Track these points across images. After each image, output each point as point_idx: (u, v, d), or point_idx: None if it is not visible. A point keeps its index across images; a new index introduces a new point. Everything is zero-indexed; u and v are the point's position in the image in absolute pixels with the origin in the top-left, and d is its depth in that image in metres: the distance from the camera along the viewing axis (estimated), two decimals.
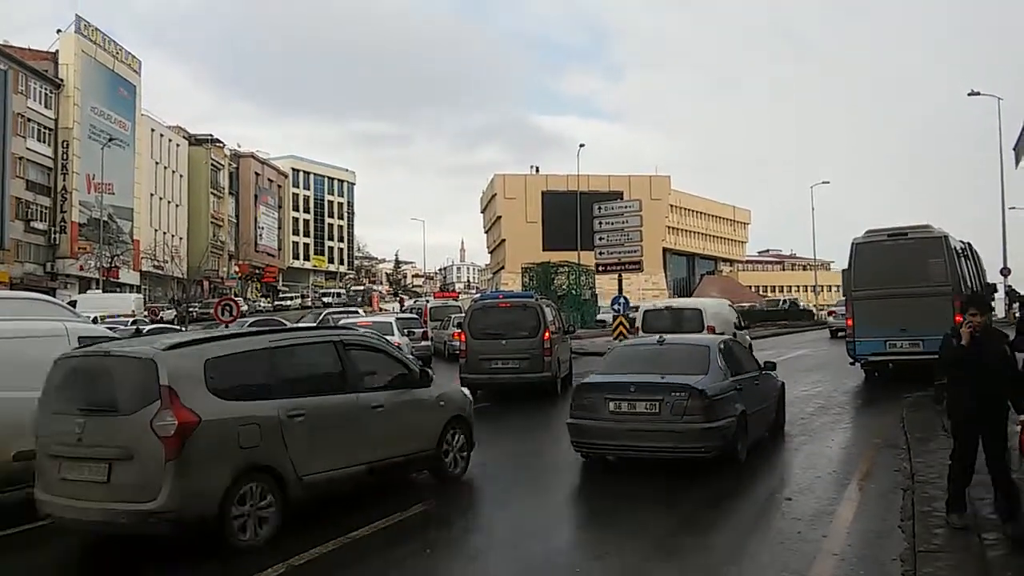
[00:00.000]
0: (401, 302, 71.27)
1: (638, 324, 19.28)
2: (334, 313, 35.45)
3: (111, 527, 6.42)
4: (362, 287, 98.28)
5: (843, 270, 17.96)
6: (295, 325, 15.87)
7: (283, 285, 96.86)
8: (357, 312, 39.32)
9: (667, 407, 8.90)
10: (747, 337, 16.08)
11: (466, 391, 10.08)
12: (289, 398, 7.14)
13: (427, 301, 46.21)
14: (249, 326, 29.11)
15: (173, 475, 6.12)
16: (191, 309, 49.44)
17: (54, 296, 25.68)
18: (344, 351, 8.03)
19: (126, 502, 6.17)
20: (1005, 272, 41.53)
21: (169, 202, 74.95)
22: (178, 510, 6.13)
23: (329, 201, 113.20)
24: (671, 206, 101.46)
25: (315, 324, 29.95)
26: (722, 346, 10.25)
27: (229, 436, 6.52)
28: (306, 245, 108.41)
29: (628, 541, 6.75)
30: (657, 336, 11.13)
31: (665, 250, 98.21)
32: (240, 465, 6.55)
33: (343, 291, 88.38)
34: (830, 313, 40.78)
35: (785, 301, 63.36)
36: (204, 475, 6.29)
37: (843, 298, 18.23)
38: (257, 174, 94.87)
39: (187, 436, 6.21)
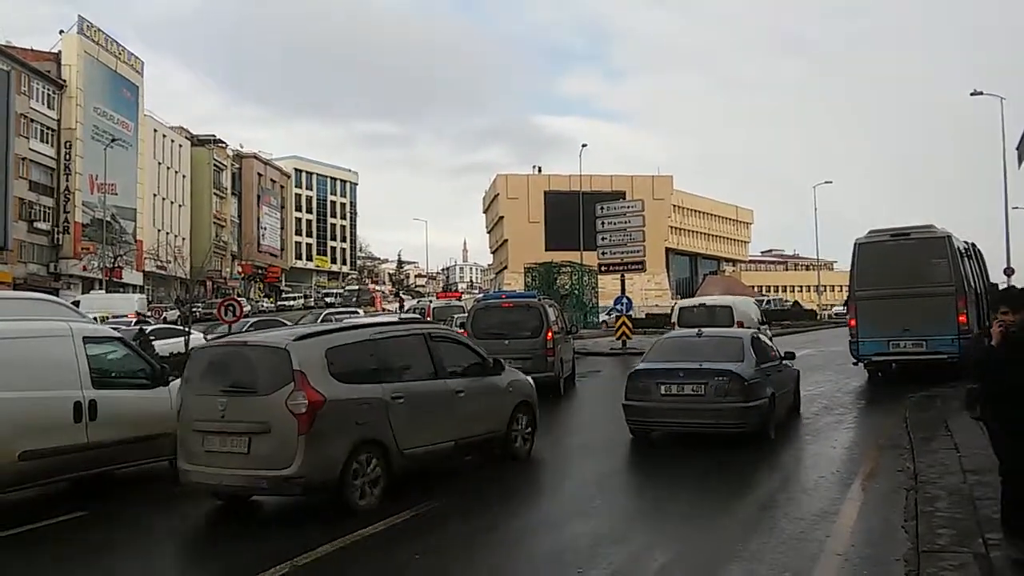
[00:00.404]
0: (401, 303, 70.71)
1: (674, 319, 20.82)
2: (336, 313, 35.49)
3: (252, 491, 7.66)
4: (356, 287, 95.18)
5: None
6: (297, 324, 15.87)
7: (286, 285, 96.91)
8: (357, 312, 39.33)
9: (711, 389, 10.39)
10: (767, 331, 17.47)
11: (530, 380, 10.86)
12: (391, 383, 8.25)
13: (430, 301, 46.22)
14: (250, 326, 29.22)
15: (304, 446, 7.17)
16: (194, 309, 49.44)
17: (57, 296, 25.72)
18: (432, 342, 9.20)
19: (265, 469, 7.17)
20: (1008, 272, 41.45)
21: (172, 202, 75.06)
22: (308, 476, 7.16)
23: (332, 201, 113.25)
24: (674, 206, 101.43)
25: (318, 322, 30.05)
26: (752, 338, 11.73)
27: (347, 413, 7.59)
28: (309, 245, 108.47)
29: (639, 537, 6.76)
30: (696, 329, 12.89)
31: (668, 250, 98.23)
32: (355, 438, 7.59)
33: (342, 291, 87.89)
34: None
35: (769, 300, 63.33)
36: (328, 446, 7.34)
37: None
38: (260, 174, 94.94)
39: (315, 413, 7.27)
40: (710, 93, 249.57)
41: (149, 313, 44.60)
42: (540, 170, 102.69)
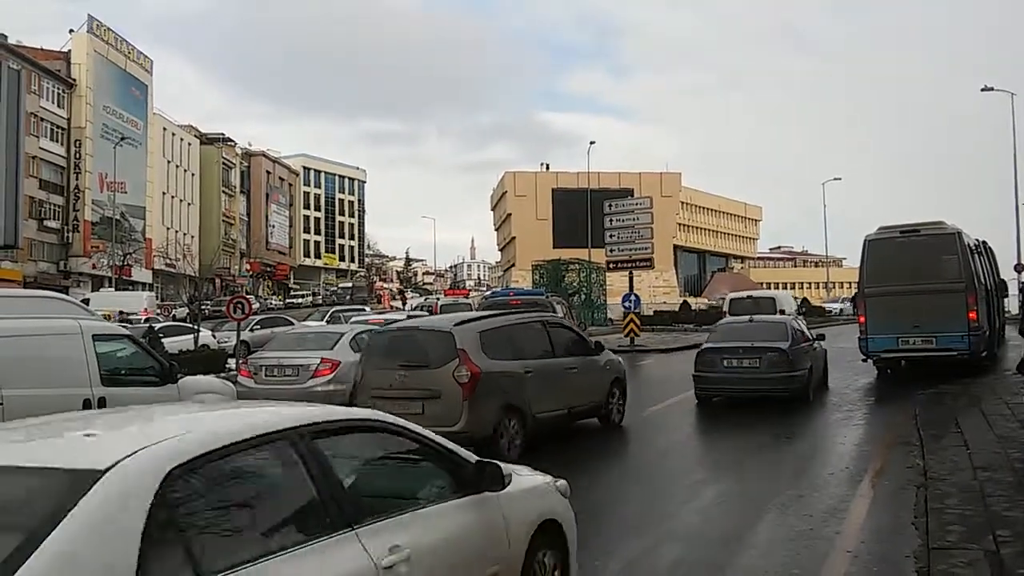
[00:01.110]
0: (403, 300, 70.05)
1: (725, 308, 25.47)
2: (344, 311, 35.54)
3: None
4: (350, 284, 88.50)
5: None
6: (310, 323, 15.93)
7: (294, 283, 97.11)
8: (364, 310, 39.36)
9: (764, 363, 13.29)
10: (802, 319, 19.02)
11: (621, 359, 13.01)
12: (524, 360, 10.22)
13: (437, 299, 46.28)
14: (257, 324, 29.33)
15: (467, 408, 9.08)
16: (203, 307, 49.60)
17: (67, 295, 25.85)
18: (549, 328, 11.51)
19: (437, 427, 7.50)
20: (1019, 268, 41.29)
21: (181, 200, 75.30)
22: (471, 431, 8.66)
23: (340, 199, 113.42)
24: (682, 203, 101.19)
25: (325, 321, 30.16)
26: (793, 323, 15.06)
27: (496, 383, 9.35)
28: (317, 243, 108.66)
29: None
30: (748, 316, 16.40)
31: (676, 247, 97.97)
32: (502, 403, 9.44)
33: (336, 288, 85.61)
34: None
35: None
36: (484, 408, 9.18)
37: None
38: (268, 172, 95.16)
39: (475, 382, 9.18)
40: (718, 89, 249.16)
41: (158, 311, 44.78)
42: (548, 167, 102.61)
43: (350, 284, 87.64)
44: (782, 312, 22.28)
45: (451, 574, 3.66)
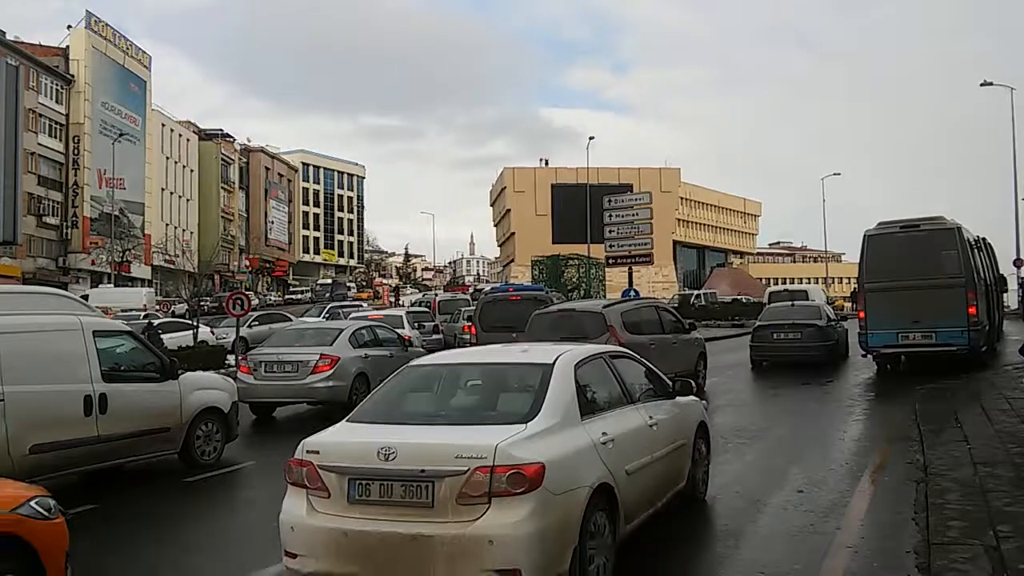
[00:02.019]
0: (396, 296, 68.21)
1: (765, 300, 30.36)
2: (342, 307, 35.54)
3: None
4: (329, 281, 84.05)
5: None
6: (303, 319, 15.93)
7: (293, 279, 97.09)
8: (361, 306, 39.36)
9: (804, 335, 18.27)
10: (830, 306, 23.78)
11: (702, 337, 16.97)
12: (647, 335, 13.54)
13: (436, 295, 46.27)
14: (255, 319, 29.34)
15: None
16: (202, 303, 49.56)
17: (66, 291, 25.84)
18: (659, 311, 15.57)
19: None
20: (1018, 263, 41.27)
21: (180, 197, 75.23)
22: None
23: (339, 195, 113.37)
24: (681, 198, 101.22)
25: (322, 317, 30.17)
26: (824, 307, 20.73)
27: (636, 352, 9.77)
28: (316, 239, 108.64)
29: None
30: (791, 301, 22.66)
31: (675, 243, 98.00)
32: None
33: (315, 285, 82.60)
34: None
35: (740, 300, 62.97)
36: None
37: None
38: (267, 168, 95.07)
39: None
40: (718, 85, 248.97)
41: (157, 308, 44.74)
42: (547, 163, 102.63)
43: (329, 281, 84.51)
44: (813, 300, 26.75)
45: (670, 435, 6.69)
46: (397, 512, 4.72)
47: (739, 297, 55.59)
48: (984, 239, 18.63)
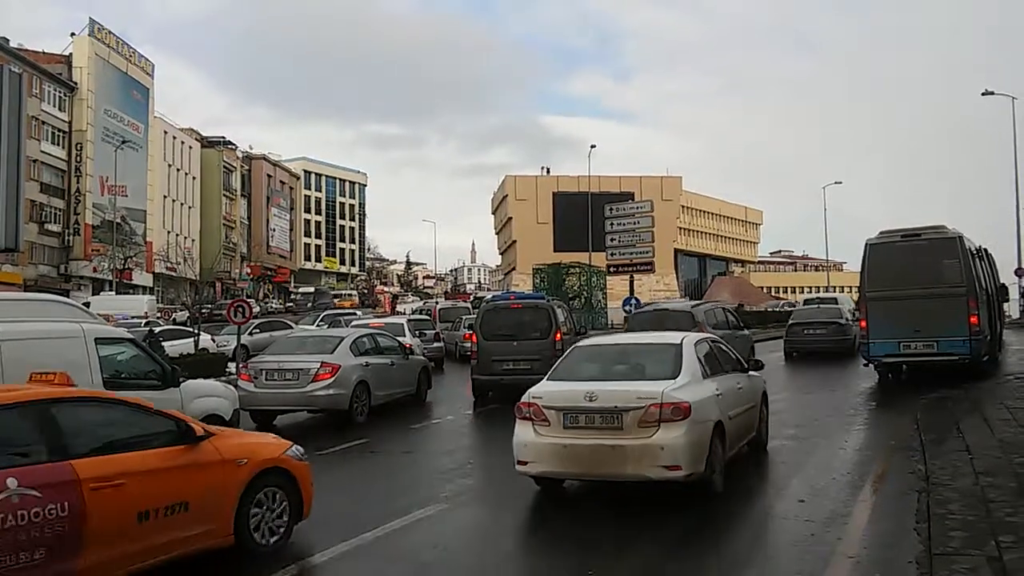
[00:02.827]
0: (392, 307, 65.36)
1: (798, 306, 35.54)
2: (343, 315, 35.53)
3: None
4: (311, 290, 79.64)
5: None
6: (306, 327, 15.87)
7: (295, 287, 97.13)
8: (355, 314, 39.34)
9: (829, 331, 23.18)
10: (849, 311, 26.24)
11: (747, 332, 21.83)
12: (719, 330, 16.49)
13: (436, 303, 46.26)
14: (256, 327, 29.34)
15: None
16: (204, 310, 49.61)
17: (68, 298, 25.83)
18: (725, 313, 19.90)
19: None
20: (1020, 273, 41.25)
21: (182, 204, 75.34)
22: None
23: (340, 203, 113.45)
24: (682, 207, 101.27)
25: (317, 325, 30.14)
26: (843, 309, 25.15)
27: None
28: (318, 247, 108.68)
29: None
30: (817, 304, 28.11)
31: (676, 251, 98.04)
32: None
33: (296, 294, 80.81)
34: None
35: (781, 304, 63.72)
36: None
37: None
38: (269, 176, 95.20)
39: None
40: (719, 93, 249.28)
41: (158, 315, 44.76)
42: (548, 171, 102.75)
43: (312, 290, 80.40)
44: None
45: (749, 397, 9.48)
46: (598, 432, 7.60)
47: (740, 306, 55.68)
48: (984, 248, 18.63)
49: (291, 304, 71.64)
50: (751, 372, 10.13)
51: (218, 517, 6.05)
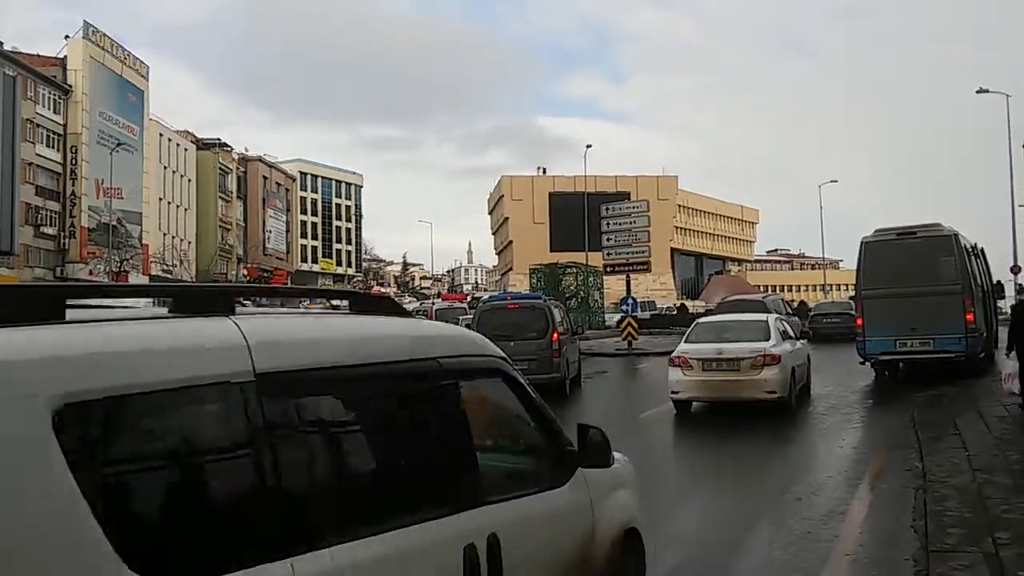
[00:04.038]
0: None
1: (816, 306, 37.21)
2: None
3: None
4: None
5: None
6: None
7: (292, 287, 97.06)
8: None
9: (843, 319, 26.98)
10: None
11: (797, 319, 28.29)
12: (779, 314, 20.12)
13: (433, 303, 46.23)
14: None
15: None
16: None
17: None
18: (783, 303, 31.11)
19: None
20: (1016, 270, 41.31)
21: (178, 206, 75.20)
22: None
23: (337, 204, 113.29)
24: (679, 206, 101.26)
25: None
26: (849, 308, 27.37)
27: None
28: (314, 248, 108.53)
29: None
30: (832, 300, 43.03)
31: (673, 250, 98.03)
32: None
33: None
34: None
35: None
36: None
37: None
38: (265, 177, 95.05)
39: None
40: (715, 93, 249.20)
41: None
42: (545, 171, 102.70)
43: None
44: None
45: (802, 356, 14.86)
46: (724, 373, 12.73)
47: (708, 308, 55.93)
48: (979, 246, 18.66)
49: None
50: (800, 342, 15.46)
51: None
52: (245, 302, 2.81)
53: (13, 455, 1.81)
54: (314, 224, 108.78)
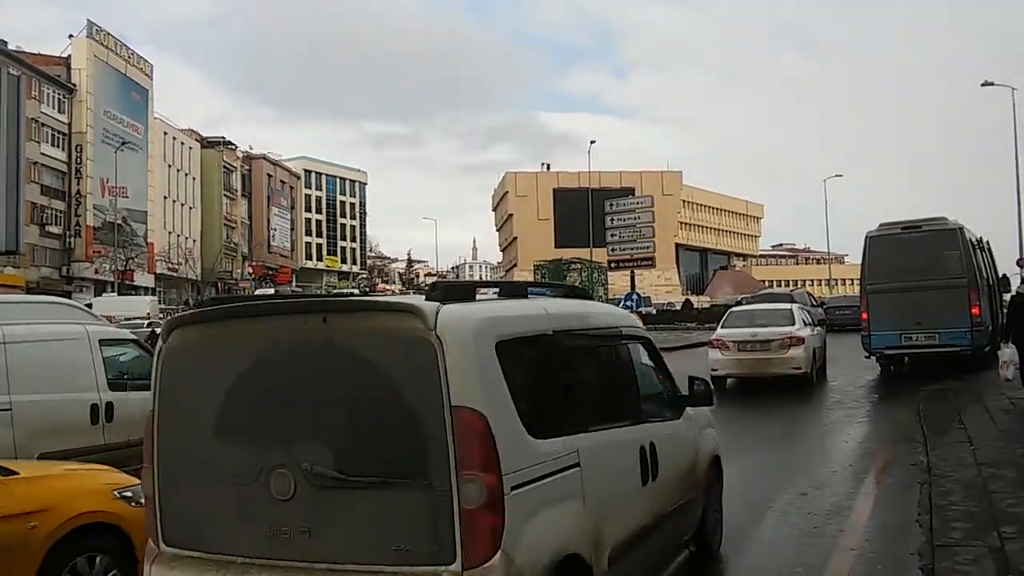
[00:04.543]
0: None
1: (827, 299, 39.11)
2: None
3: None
4: (271, 291, 66.65)
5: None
6: None
7: (296, 286, 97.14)
8: None
9: (854, 311, 21.74)
10: None
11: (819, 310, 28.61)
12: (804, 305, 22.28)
13: None
14: None
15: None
16: None
17: (70, 300, 25.84)
18: (808, 297, 31.40)
19: None
20: (1021, 263, 41.20)
21: (182, 205, 75.34)
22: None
23: (341, 201, 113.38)
24: (683, 201, 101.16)
25: None
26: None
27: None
28: (319, 245, 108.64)
29: None
30: (844, 294, 40.05)
31: (678, 246, 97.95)
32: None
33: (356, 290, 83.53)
34: None
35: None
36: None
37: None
38: (269, 175, 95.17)
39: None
40: (719, 87, 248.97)
41: (160, 315, 44.78)
42: (549, 167, 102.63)
43: (272, 291, 67.58)
44: None
45: (821, 340, 17.63)
46: (758, 352, 15.16)
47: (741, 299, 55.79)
48: (984, 239, 18.61)
49: None
50: (818, 328, 17.95)
51: None
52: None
53: (488, 363, 3.50)
54: (318, 221, 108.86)
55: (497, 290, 4.36)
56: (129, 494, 4.96)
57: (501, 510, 3.33)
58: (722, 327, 16.24)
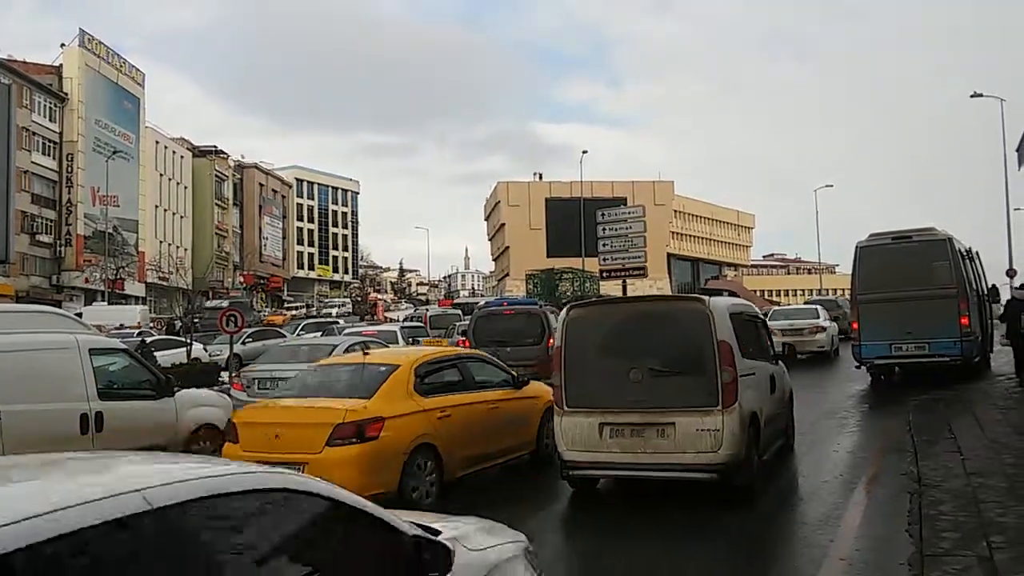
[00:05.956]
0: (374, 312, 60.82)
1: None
2: (330, 322, 35.43)
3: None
4: (223, 303, 54.03)
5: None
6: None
7: (288, 295, 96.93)
8: (338, 322, 39.22)
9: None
10: None
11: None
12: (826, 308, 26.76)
13: (427, 310, 46.19)
14: (249, 336, 29.28)
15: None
16: (195, 320, 49.17)
17: (60, 309, 25.75)
18: (833, 304, 29.85)
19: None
20: (1011, 273, 41.41)
21: (174, 214, 75.19)
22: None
23: (333, 211, 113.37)
24: (675, 211, 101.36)
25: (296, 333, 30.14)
26: None
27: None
28: (311, 255, 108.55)
29: None
30: (835, 300, 36.18)
31: (669, 255, 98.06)
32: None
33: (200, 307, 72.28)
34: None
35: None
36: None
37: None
38: (261, 185, 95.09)
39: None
40: (711, 98, 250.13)
41: (151, 324, 44.59)
42: (541, 177, 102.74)
43: (224, 303, 52.91)
44: None
45: (836, 332, 23.84)
46: (793, 336, 22.26)
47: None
48: (974, 250, 18.71)
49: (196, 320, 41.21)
50: (834, 322, 23.04)
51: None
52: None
53: (728, 322, 7.94)
54: (310, 231, 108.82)
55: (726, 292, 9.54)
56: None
57: (736, 385, 7.46)
58: (769, 320, 18.69)
